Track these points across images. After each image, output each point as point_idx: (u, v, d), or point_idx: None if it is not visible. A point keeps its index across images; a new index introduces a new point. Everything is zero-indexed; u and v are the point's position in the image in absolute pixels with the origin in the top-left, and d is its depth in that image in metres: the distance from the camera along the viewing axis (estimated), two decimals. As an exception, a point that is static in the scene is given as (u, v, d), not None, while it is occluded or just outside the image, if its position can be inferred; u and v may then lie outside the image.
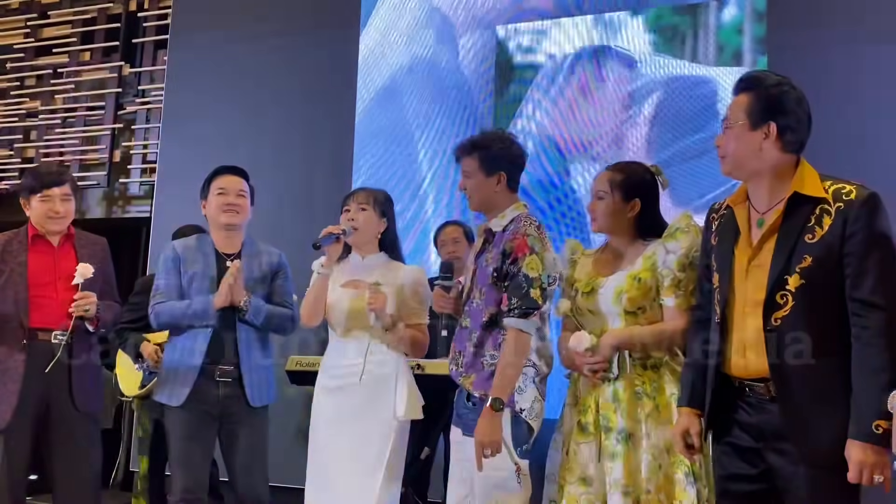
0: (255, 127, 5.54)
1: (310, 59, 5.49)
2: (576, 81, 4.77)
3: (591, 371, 2.41)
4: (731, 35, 4.49)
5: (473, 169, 2.67)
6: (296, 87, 5.50)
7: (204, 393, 3.06)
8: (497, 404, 2.48)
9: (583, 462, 2.41)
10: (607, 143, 4.62)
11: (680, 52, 4.59)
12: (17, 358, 3.06)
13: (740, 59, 4.46)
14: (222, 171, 3.25)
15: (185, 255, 3.18)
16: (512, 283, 2.53)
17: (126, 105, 6.26)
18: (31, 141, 6.49)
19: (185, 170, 5.68)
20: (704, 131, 4.42)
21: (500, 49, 5.01)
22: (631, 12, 4.72)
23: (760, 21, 4.43)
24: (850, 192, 1.96)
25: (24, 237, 3.20)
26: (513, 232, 2.58)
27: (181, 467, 3.06)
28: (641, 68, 4.64)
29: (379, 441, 2.85)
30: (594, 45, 4.77)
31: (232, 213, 3.17)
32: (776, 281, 1.96)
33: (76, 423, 3.15)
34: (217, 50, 5.76)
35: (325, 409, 2.91)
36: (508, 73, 4.97)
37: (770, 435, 1.99)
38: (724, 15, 4.51)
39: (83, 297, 3.10)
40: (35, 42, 6.61)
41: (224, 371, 3.07)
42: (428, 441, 3.84)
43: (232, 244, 3.21)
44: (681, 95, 4.52)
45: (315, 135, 5.38)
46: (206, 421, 3.08)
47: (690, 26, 4.58)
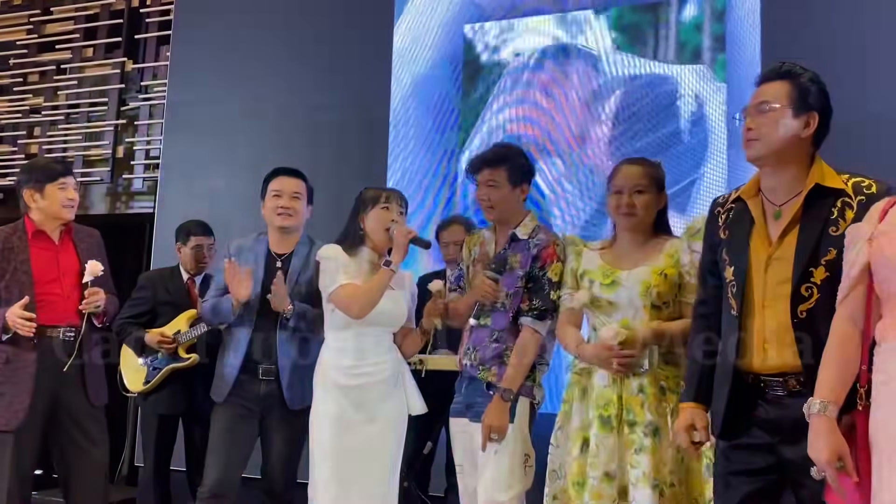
0: (258, 122, 5.54)
1: (312, 53, 5.50)
2: (540, 79, 4.87)
3: (622, 364, 2.42)
4: (690, 33, 4.58)
5: (502, 180, 2.77)
6: (298, 82, 5.50)
7: (246, 390, 3.12)
8: (508, 395, 2.64)
9: (606, 457, 2.41)
10: (571, 140, 4.71)
11: (641, 51, 4.67)
12: (27, 357, 3.08)
13: (700, 57, 4.54)
14: (278, 172, 3.27)
15: (237, 253, 3.22)
16: (536, 284, 2.72)
17: (129, 101, 6.26)
18: (35, 137, 6.50)
19: (188, 165, 5.71)
20: (665, 128, 4.54)
21: (466, 47, 5.10)
22: (594, 11, 4.80)
23: (719, 19, 4.51)
24: (869, 185, 1.98)
25: (24, 233, 3.20)
26: (544, 241, 2.75)
27: (215, 460, 3.10)
28: (604, 66, 4.74)
29: (395, 438, 2.92)
30: (558, 44, 4.87)
31: (285, 215, 3.19)
32: (802, 273, 1.96)
33: (90, 418, 3.19)
34: (220, 45, 5.76)
35: (340, 409, 2.88)
36: (475, 72, 5.06)
37: (788, 429, 1.96)
38: (685, 13, 4.60)
39: (93, 293, 3.13)
40: (38, 38, 6.62)
41: (266, 369, 3.11)
42: (429, 436, 3.86)
43: (285, 244, 3.24)
44: (642, 93, 4.62)
45: (319, 130, 5.39)
46: (247, 417, 3.12)
47: (651, 25, 4.67)
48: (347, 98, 5.35)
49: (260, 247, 3.25)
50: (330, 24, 5.51)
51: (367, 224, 2.96)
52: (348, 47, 5.41)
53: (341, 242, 2.98)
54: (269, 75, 5.58)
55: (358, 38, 5.39)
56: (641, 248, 2.54)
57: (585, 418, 2.50)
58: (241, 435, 3.13)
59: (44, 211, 3.21)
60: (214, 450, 3.11)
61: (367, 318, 2.87)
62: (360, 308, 2.84)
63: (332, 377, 2.90)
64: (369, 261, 2.95)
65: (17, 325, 3.02)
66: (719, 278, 2.15)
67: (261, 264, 3.20)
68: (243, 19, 5.75)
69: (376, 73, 5.31)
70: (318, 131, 5.39)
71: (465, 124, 5.04)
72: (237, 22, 5.77)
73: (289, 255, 3.22)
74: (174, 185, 5.76)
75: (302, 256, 3.21)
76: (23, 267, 3.14)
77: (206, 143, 5.69)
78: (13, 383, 3.06)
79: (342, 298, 2.86)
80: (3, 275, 3.12)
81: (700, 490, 2.34)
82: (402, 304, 2.98)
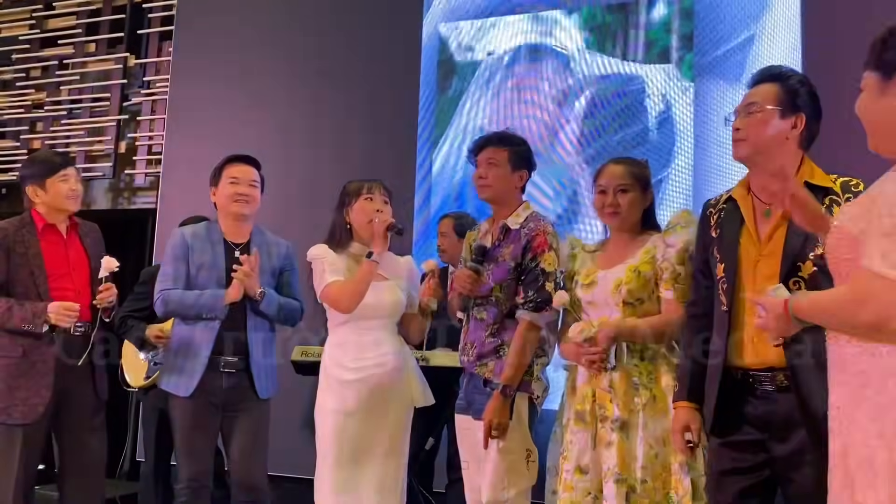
0: (260, 118, 5.54)
1: (315, 49, 5.49)
2: (513, 78, 4.94)
3: (589, 361, 2.45)
4: (659, 33, 4.63)
5: (502, 160, 2.76)
6: (301, 77, 5.50)
7: (209, 383, 3.07)
8: (507, 391, 2.59)
9: (579, 450, 2.45)
10: (542, 138, 4.76)
11: (611, 50, 4.72)
12: (45, 351, 3.07)
13: (668, 57, 4.58)
14: (234, 159, 3.25)
15: (193, 243, 3.16)
16: (529, 276, 2.66)
17: (131, 96, 6.27)
18: (37, 132, 6.51)
19: (190, 161, 5.70)
20: (633, 127, 4.61)
21: (441, 46, 5.15)
22: (566, 11, 4.86)
23: (688, 19, 4.55)
24: (857, 184, 2.01)
25: (32, 227, 3.18)
26: (534, 229, 2.70)
27: (187, 456, 3.10)
28: (574, 66, 4.80)
29: (401, 430, 2.91)
30: (530, 43, 4.92)
31: (243, 202, 3.17)
32: (790, 268, 1.99)
33: (95, 412, 3.20)
34: (222, 41, 5.76)
35: (344, 403, 2.87)
36: (449, 70, 5.12)
37: (777, 425, 1.99)
38: (654, 13, 4.65)
39: (108, 289, 3.13)
40: (40, 33, 6.62)
41: (228, 362, 3.07)
42: (432, 432, 3.86)
43: (241, 233, 3.21)
44: (612, 92, 4.69)
45: (321, 125, 5.38)
46: (210, 411, 3.10)
47: (621, 24, 4.73)
48: (350, 95, 5.34)
49: (213, 235, 3.19)
50: (332, 20, 5.50)
51: (352, 217, 2.96)
52: (350, 43, 5.40)
53: (329, 239, 2.98)
54: (271, 70, 5.58)
55: (360, 33, 5.38)
56: (627, 247, 2.57)
57: (570, 413, 2.54)
58: (208, 429, 3.12)
59: (48, 205, 3.20)
60: (185, 447, 3.11)
61: (364, 312, 2.87)
62: (347, 302, 2.85)
63: (334, 373, 2.90)
64: (358, 254, 2.95)
65: (62, 317, 3.01)
66: (711, 279, 2.18)
67: (220, 253, 3.15)
68: (245, 15, 5.75)
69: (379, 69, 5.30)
70: (319, 127, 5.38)
71: (439, 121, 5.12)
72: (239, 17, 5.76)
73: (246, 244, 3.20)
74: (176, 181, 5.75)
75: (259, 245, 3.20)
76: (35, 261, 3.12)
77: (208, 139, 5.67)
78: (30, 377, 3.05)
79: (330, 296, 2.88)
80: (15, 268, 3.10)
81: (674, 487, 2.34)
82: (398, 293, 2.95)
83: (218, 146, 5.61)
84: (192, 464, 3.08)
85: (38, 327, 3.03)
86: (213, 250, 3.15)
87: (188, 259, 3.14)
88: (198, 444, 3.10)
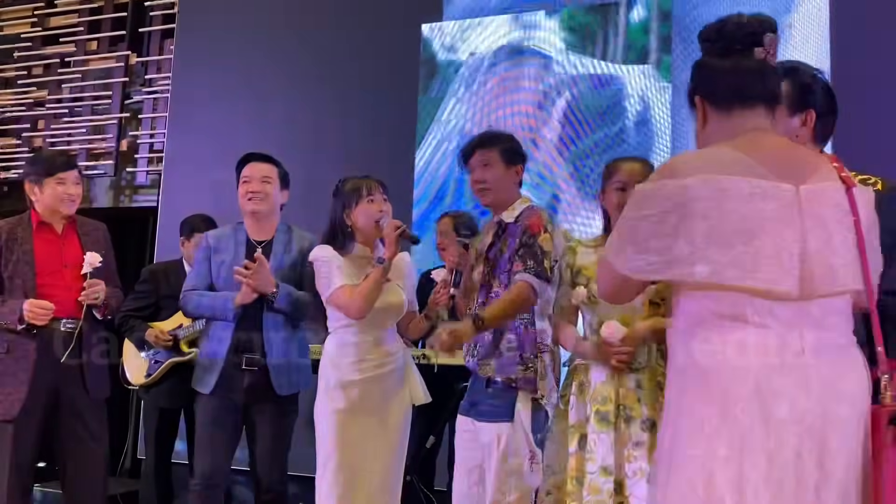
0: (261, 116, 5.53)
1: (318, 45, 5.49)
2: (494, 79, 4.99)
3: (621, 361, 2.42)
4: (638, 34, 4.68)
5: (495, 159, 2.73)
6: (302, 75, 5.49)
7: (230, 381, 3.09)
8: (478, 322, 2.55)
9: (604, 452, 2.42)
10: (523, 138, 4.72)
11: (591, 51, 4.79)
12: (27, 347, 3.07)
13: (647, 58, 4.64)
14: (247, 158, 3.26)
15: (216, 244, 3.21)
16: (528, 250, 2.62)
17: (133, 94, 6.27)
18: (39, 130, 6.50)
19: (192, 159, 5.70)
20: (613, 126, 4.67)
21: (424, 46, 5.19)
22: (546, 12, 4.91)
23: (666, 20, 4.61)
24: (875, 182, 1.99)
25: (28, 225, 3.19)
26: (528, 213, 2.69)
27: (203, 453, 3.11)
28: (555, 66, 4.86)
29: (402, 429, 2.91)
30: (512, 44, 4.98)
31: (255, 199, 3.17)
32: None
33: (88, 411, 3.18)
34: (224, 39, 5.75)
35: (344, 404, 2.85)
36: (432, 70, 5.17)
37: None
38: (633, 15, 4.71)
39: (92, 285, 3.13)
40: (42, 31, 6.62)
41: (250, 360, 3.08)
42: (433, 430, 3.85)
43: (263, 231, 3.22)
44: (591, 92, 4.76)
45: (322, 123, 5.38)
46: (231, 409, 3.11)
47: (601, 26, 4.79)
48: (351, 93, 5.34)
49: (239, 235, 3.23)
50: (334, 18, 5.49)
51: (356, 220, 2.92)
52: (351, 42, 5.39)
53: (331, 241, 2.94)
54: (272, 69, 5.57)
55: (362, 34, 5.38)
56: None
57: (583, 414, 2.50)
58: (227, 427, 3.12)
59: (43, 205, 3.21)
60: (201, 443, 3.12)
61: (370, 315, 2.85)
62: (358, 309, 2.82)
63: (335, 374, 2.88)
64: (361, 256, 2.93)
65: (34, 315, 3.02)
66: None
67: (241, 252, 3.17)
68: (247, 13, 5.74)
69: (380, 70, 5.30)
70: (321, 126, 5.38)
71: (421, 122, 5.17)
72: (241, 15, 5.76)
73: (269, 242, 3.20)
74: (178, 179, 5.75)
75: (283, 243, 3.20)
76: (25, 257, 3.13)
77: (209, 137, 5.68)
78: (12, 373, 3.06)
79: (341, 301, 2.84)
80: (6, 264, 3.13)
81: None
82: (400, 294, 2.94)
83: (219, 144, 5.63)
84: (206, 461, 3.08)
85: (13, 324, 3.04)
86: (235, 249, 3.18)
87: (210, 260, 3.20)
88: (214, 442, 3.10)
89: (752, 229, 1.48)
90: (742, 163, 1.52)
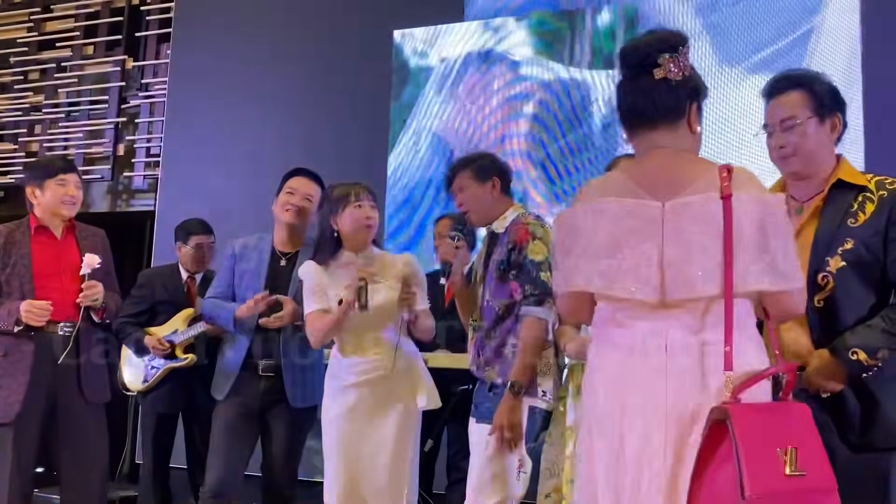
0: (258, 120, 5.54)
1: (314, 51, 5.49)
2: (465, 84, 5.08)
3: None
4: (605, 40, 4.77)
5: (467, 181, 2.77)
6: (299, 79, 5.50)
7: (246, 387, 3.11)
8: (516, 387, 2.52)
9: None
10: (493, 142, 4.90)
11: (558, 56, 4.87)
12: (24, 349, 3.07)
13: (613, 63, 4.70)
14: (299, 171, 3.27)
15: (241, 252, 3.24)
16: (521, 271, 2.61)
17: (129, 99, 6.27)
18: (35, 135, 6.50)
19: (188, 163, 5.71)
20: (580, 130, 4.75)
21: (396, 52, 5.28)
22: (516, 18, 5.00)
23: (632, 27, 4.69)
24: (892, 182, 2.02)
25: (27, 229, 3.21)
26: (513, 224, 2.69)
27: (213, 458, 3.10)
28: (524, 71, 4.94)
29: (405, 433, 2.84)
30: (481, 50, 5.06)
31: (293, 212, 3.18)
32: (819, 262, 1.98)
33: (85, 415, 3.17)
34: (220, 43, 5.76)
35: (344, 407, 2.85)
36: (404, 76, 5.25)
37: None
38: (599, 21, 4.80)
39: (90, 287, 3.13)
40: (38, 36, 6.62)
41: (266, 366, 3.10)
42: (431, 433, 3.84)
43: (291, 243, 3.23)
44: (558, 96, 4.83)
45: (319, 128, 5.38)
46: (247, 415, 3.11)
47: (568, 32, 4.87)
48: (347, 97, 5.34)
49: (264, 245, 3.25)
50: (330, 22, 5.50)
51: (342, 226, 2.91)
52: (348, 46, 5.40)
53: (318, 250, 2.95)
54: (268, 73, 5.58)
55: (358, 37, 5.38)
56: None
57: (579, 415, 2.48)
58: (243, 433, 3.12)
59: (44, 207, 3.21)
60: (215, 448, 3.11)
61: (358, 319, 2.83)
62: (314, 342, 2.89)
63: (336, 377, 2.89)
64: (350, 263, 2.90)
65: (32, 315, 3.02)
66: None
67: (265, 262, 3.20)
68: (243, 17, 5.75)
69: (375, 73, 5.30)
70: (317, 130, 5.38)
71: (393, 127, 5.24)
72: (237, 19, 5.77)
73: (294, 255, 3.21)
74: (175, 183, 5.76)
75: (308, 256, 3.19)
76: (23, 261, 3.14)
77: (206, 141, 5.68)
78: (10, 376, 3.06)
79: (307, 327, 2.90)
80: (3, 268, 3.13)
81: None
82: (388, 293, 2.87)
83: (216, 148, 5.64)
84: (218, 468, 3.06)
85: (9, 326, 3.05)
86: (258, 258, 3.21)
87: (234, 269, 3.23)
88: (227, 448, 3.09)
89: (617, 244, 1.66)
90: (621, 184, 1.72)
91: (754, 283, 1.61)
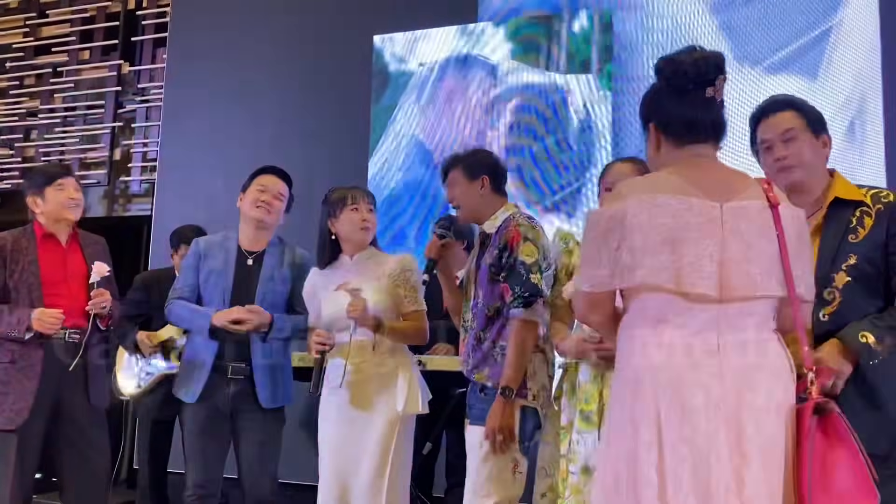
0: (254, 124, 5.54)
1: (311, 56, 5.49)
2: (443, 88, 5.14)
3: (602, 358, 2.41)
4: (581, 45, 4.84)
5: (457, 177, 2.78)
6: (296, 84, 5.50)
7: (216, 390, 3.07)
8: (507, 392, 2.51)
9: (586, 451, 2.41)
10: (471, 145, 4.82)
11: (535, 61, 4.93)
12: (34, 355, 3.07)
13: (589, 67, 4.79)
14: (268, 169, 3.25)
15: (206, 251, 3.19)
16: (511, 273, 2.59)
17: (126, 103, 6.26)
18: (32, 140, 6.49)
19: (185, 168, 5.71)
20: (557, 133, 4.81)
21: (376, 57, 5.32)
22: (493, 23, 5.06)
23: (607, 31, 4.76)
24: (887, 195, 2.11)
25: (32, 236, 3.21)
26: (504, 225, 2.68)
27: (194, 462, 3.08)
28: (501, 75, 5.00)
29: (390, 437, 2.79)
30: (459, 54, 5.12)
31: (264, 209, 3.16)
32: (824, 279, 2.04)
33: (90, 421, 3.18)
34: (216, 48, 5.76)
35: (331, 410, 2.87)
36: (384, 80, 5.30)
37: None
38: (575, 26, 4.86)
39: (100, 294, 3.13)
40: (34, 41, 6.61)
41: (236, 368, 3.07)
42: (430, 436, 3.84)
43: (257, 242, 3.20)
44: (536, 100, 4.90)
45: (316, 132, 5.38)
46: (218, 417, 3.09)
47: (545, 36, 4.94)
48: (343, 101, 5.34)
49: (230, 244, 3.21)
50: (327, 25, 5.50)
51: (339, 229, 2.92)
52: (347, 48, 5.40)
53: (319, 251, 2.97)
54: (265, 77, 5.58)
55: (356, 39, 5.38)
56: None
57: (573, 415, 2.49)
58: (216, 435, 3.10)
59: (47, 214, 3.22)
60: (192, 453, 3.09)
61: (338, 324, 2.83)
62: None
63: (327, 380, 2.89)
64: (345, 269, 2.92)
65: (44, 324, 3.02)
66: None
67: (231, 262, 3.16)
68: (239, 21, 5.75)
69: (367, 76, 5.30)
70: (314, 134, 5.38)
71: (374, 131, 5.28)
72: (233, 24, 5.76)
73: (261, 254, 3.19)
74: (171, 188, 5.75)
75: (275, 256, 3.19)
76: (31, 268, 3.14)
77: (202, 146, 5.68)
78: (18, 382, 3.05)
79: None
80: (11, 274, 3.13)
81: None
82: (378, 295, 2.84)
83: (213, 153, 5.64)
84: (198, 470, 3.06)
85: (21, 333, 3.04)
86: (224, 258, 3.17)
87: (199, 267, 3.17)
88: (204, 451, 3.08)
89: (678, 239, 1.69)
90: (674, 183, 1.74)
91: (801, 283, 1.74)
